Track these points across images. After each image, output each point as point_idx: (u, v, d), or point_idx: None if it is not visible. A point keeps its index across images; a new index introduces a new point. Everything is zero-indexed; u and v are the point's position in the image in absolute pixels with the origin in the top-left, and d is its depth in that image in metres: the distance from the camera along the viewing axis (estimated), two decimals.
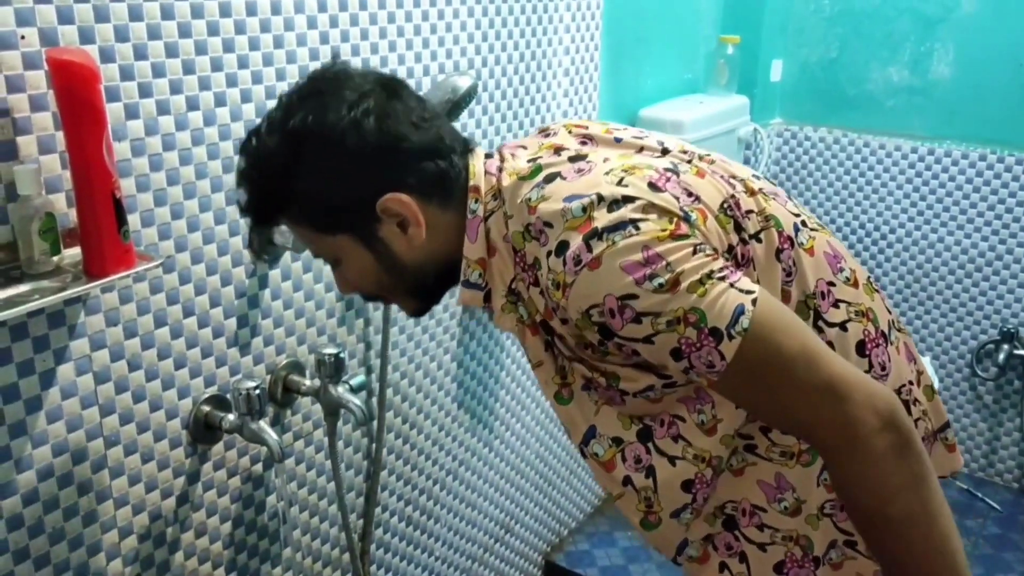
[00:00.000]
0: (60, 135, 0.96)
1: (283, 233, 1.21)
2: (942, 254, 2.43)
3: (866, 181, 2.49)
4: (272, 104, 1.19)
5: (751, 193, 0.88)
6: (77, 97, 0.90)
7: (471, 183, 0.89)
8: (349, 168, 0.85)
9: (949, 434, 1.00)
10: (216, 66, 1.12)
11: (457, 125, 1.53)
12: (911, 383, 0.95)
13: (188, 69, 1.08)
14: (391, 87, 0.88)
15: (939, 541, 0.80)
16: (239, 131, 1.16)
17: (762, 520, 0.92)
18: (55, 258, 0.95)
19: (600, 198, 0.78)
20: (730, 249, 0.83)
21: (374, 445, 1.53)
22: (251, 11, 1.14)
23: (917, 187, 2.42)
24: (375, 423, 1.51)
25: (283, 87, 1.21)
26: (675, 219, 0.78)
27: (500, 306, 0.89)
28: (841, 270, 0.92)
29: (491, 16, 1.56)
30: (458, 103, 1.33)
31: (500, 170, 0.89)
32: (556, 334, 0.87)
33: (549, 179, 0.84)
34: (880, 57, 2.38)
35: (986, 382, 2.45)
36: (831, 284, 0.90)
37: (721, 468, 0.91)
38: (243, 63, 1.15)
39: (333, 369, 1.30)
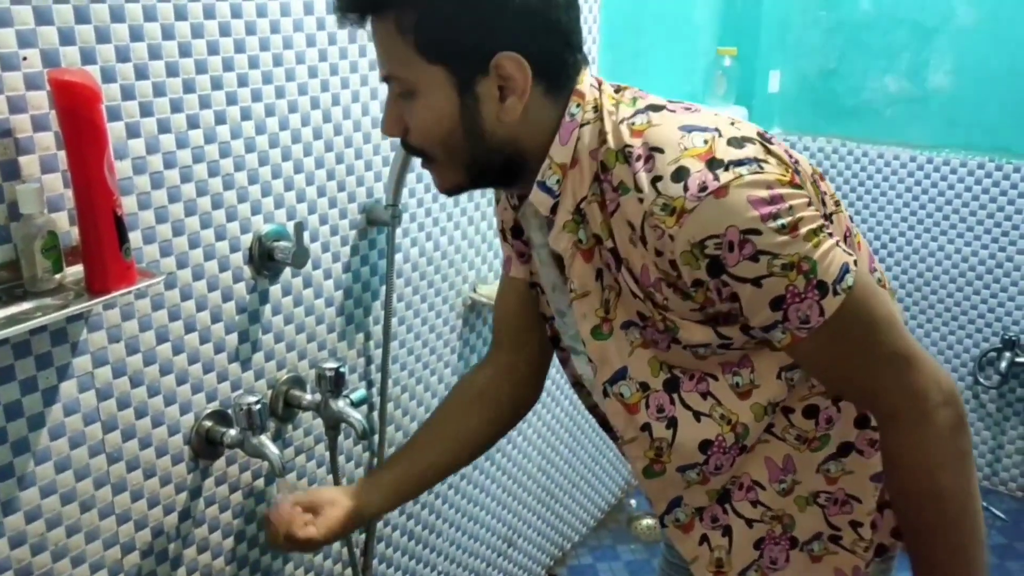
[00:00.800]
0: (62, 154, 0.97)
1: (283, 250, 1.22)
2: (943, 262, 2.44)
3: (866, 190, 2.49)
4: (273, 120, 1.21)
5: (821, 178, 0.89)
6: (79, 117, 0.91)
7: (578, 87, 0.83)
8: (492, 4, 0.77)
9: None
10: (216, 85, 1.13)
11: None
12: None
13: (188, 88, 1.10)
14: None
15: (973, 519, 0.84)
16: (239, 149, 1.17)
17: (757, 496, 0.93)
18: (57, 276, 0.96)
19: (720, 133, 0.77)
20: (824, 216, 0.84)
21: (376, 459, 1.53)
22: (250, 30, 1.16)
23: (917, 196, 2.42)
24: (376, 437, 1.52)
25: (282, 104, 1.22)
26: (789, 170, 0.77)
27: (563, 222, 0.85)
28: (874, 271, 0.94)
29: None
30: None
31: (600, 89, 0.85)
32: (626, 266, 0.83)
33: (655, 108, 0.81)
34: (878, 67, 2.39)
35: (989, 390, 2.44)
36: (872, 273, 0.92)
37: (744, 442, 0.89)
38: (243, 81, 1.16)
39: (333, 384, 1.30)
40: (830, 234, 0.77)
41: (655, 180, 0.76)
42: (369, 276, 1.45)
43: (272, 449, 1.18)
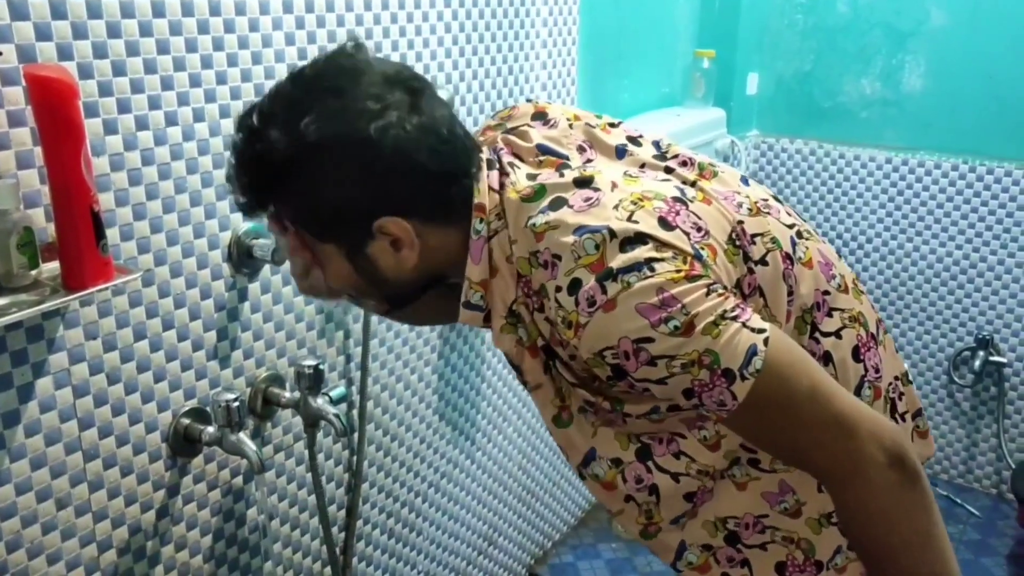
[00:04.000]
0: (38, 150, 0.97)
1: (262, 247, 1.22)
2: (918, 263, 2.47)
3: (842, 192, 2.52)
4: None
5: (755, 212, 0.87)
6: (55, 113, 0.91)
7: (476, 200, 0.84)
8: (354, 183, 0.80)
9: (921, 422, 1.02)
10: (195, 82, 1.13)
11: None
12: (897, 378, 0.98)
13: (167, 85, 1.10)
14: (416, 96, 0.81)
15: (932, 567, 0.83)
16: (218, 146, 1.17)
17: (763, 524, 0.93)
18: (33, 272, 0.96)
19: (612, 234, 0.76)
20: (738, 283, 0.83)
21: (355, 457, 1.53)
22: (229, 28, 1.16)
23: (892, 197, 2.46)
24: (356, 435, 1.52)
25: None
26: (688, 259, 0.77)
27: (500, 327, 0.86)
28: (833, 277, 0.93)
29: (467, 31, 1.59)
30: None
31: (502, 186, 0.85)
32: (559, 359, 0.86)
33: (555, 205, 0.81)
34: (853, 70, 2.42)
35: (963, 389, 2.48)
36: (826, 293, 0.91)
37: (722, 476, 0.91)
38: (221, 79, 1.16)
39: (313, 381, 1.30)
40: (734, 317, 0.76)
41: (557, 290, 0.78)
42: None
43: (251, 447, 1.18)
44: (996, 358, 2.39)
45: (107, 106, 1.04)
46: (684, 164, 0.91)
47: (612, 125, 0.95)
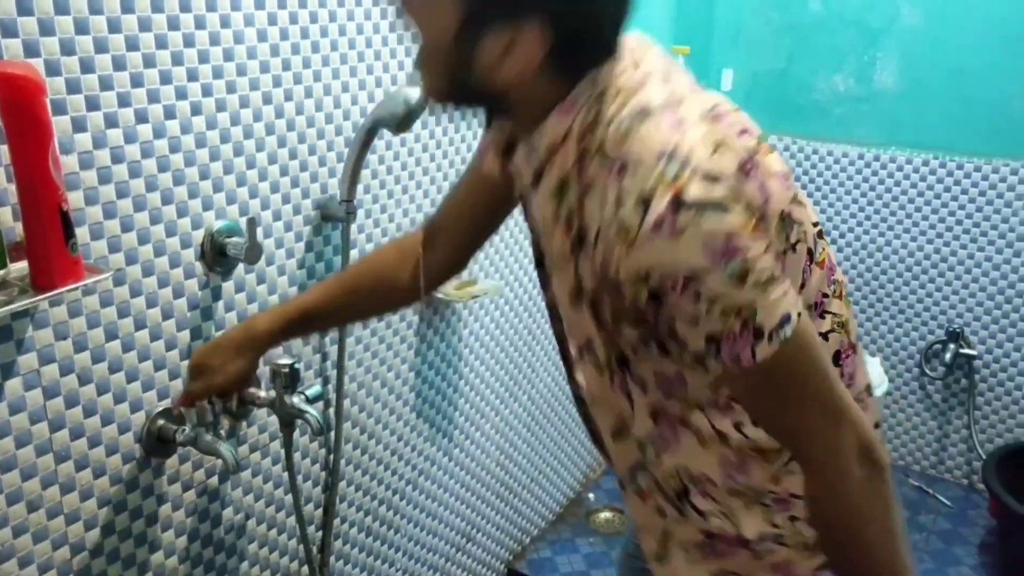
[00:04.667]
0: (5, 148, 0.95)
1: (236, 245, 1.21)
2: (889, 257, 2.50)
3: (816, 187, 2.55)
4: (224, 116, 1.20)
5: (796, 200, 0.88)
6: (22, 110, 0.90)
7: (596, 73, 0.80)
8: None
9: (879, 433, 1.04)
10: (165, 79, 1.12)
11: (409, 136, 1.54)
12: (865, 389, 1.00)
13: (136, 82, 1.09)
14: None
15: (891, 567, 0.86)
16: (189, 144, 1.16)
17: (709, 491, 0.94)
18: (1, 272, 0.95)
19: (695, 167, 0.74)
20: (776, 257, 0.83)
21: (332, 456, 1.53)
22: (200, 24, 1.15)
23: (865, 192, 2.48)
24: (332, 434, 1.51)
25: (233, 99, 1.21)
26: (756, 214, 0.76)
27: (551, 188, 0.83)
28: (834, 281, 0.94)
29: None
30: (410, 114, 1.35)
31: (614, 73, 0.81)
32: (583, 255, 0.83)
33: (645, 115, 0.78)
34: (827, 67, 2.44)
35: (935, 381, 2.51)
36: (824, 296, 0.92)
37: (687, 416, 0.92)
38: (192, 76, 1.15)
39: (288, 380, 1.29)
40: (781, 282, 0.77)
41: (619, 199, 0.75)
42: (324, 272, 1.44)
43: (226, 446, 1.18)
44: (966, 351, 2.42)
45: (75, 103, 1.03)
46: (742, 133, 0.85)
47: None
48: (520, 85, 0.79)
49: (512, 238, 1.93)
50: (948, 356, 2.41)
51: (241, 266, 1.28)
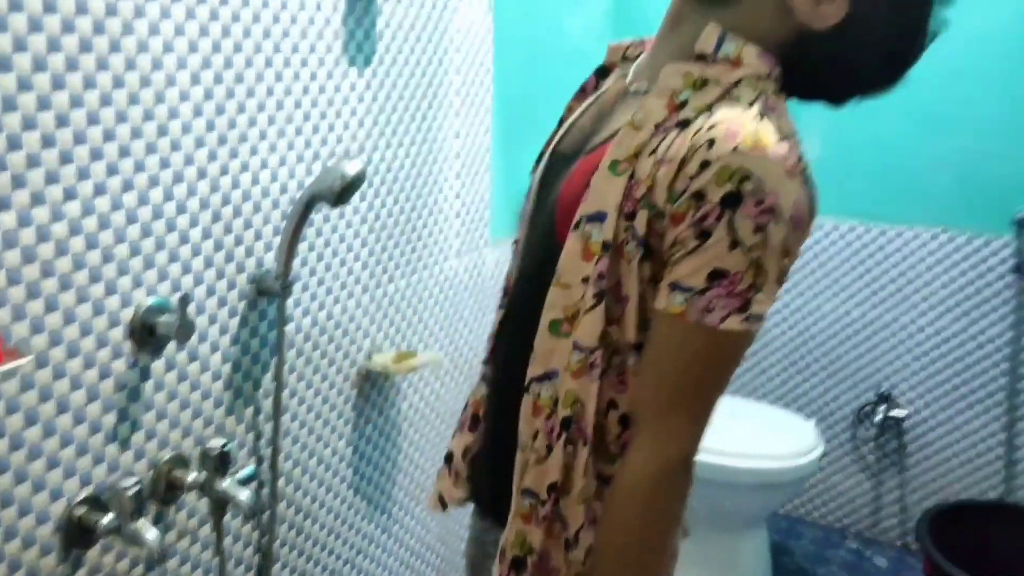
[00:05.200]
0: None
1: (166, 324, 1.18)
2: (820, 321, 2.57)
3: None
4: (156, 191, 1.17)
5: None
6: None
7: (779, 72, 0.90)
8: None
9: None
10: (96, 155, 1.09)
11: (348, 208, 1.54)
12: None
13: (65, 159, 1.06)
14: None
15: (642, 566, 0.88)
16: (120, 220, 1.13)
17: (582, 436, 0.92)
18: None
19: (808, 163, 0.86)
20: None
21: (265, 539, 1.47)
22: (134, 100, 1.13)
23: None
24: (267, 515, 1.46)
25: (166, 175, 1.19)
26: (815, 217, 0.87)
27: (688, 75, 0.86)
28: None
29: (380, 101, 1.59)
30: (347, 188, 1.34)
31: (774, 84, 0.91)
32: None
33: (775, 117, 0.86)
34: None
35: (867, 443, 2.57)
36: None
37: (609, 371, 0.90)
38: (124, 152, 1.13)
39: (219, 462, 1.25)
40: (780, 285, 0.84)
41: (759, 119, 0.81)
42: (259, 348, 1.41)
43: (151, 534, 1.12)
44: (896, 412, 2.49)
45: (0, 182, 0.99)
46: None
47: None
48: (780, 11, 0.86)
49: (456, 313, 1.92)
50: (879, 418, 2.48)
51: (172, 344, 1.24)
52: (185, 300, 1.17)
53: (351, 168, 1.34)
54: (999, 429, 2.41)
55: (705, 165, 0.78)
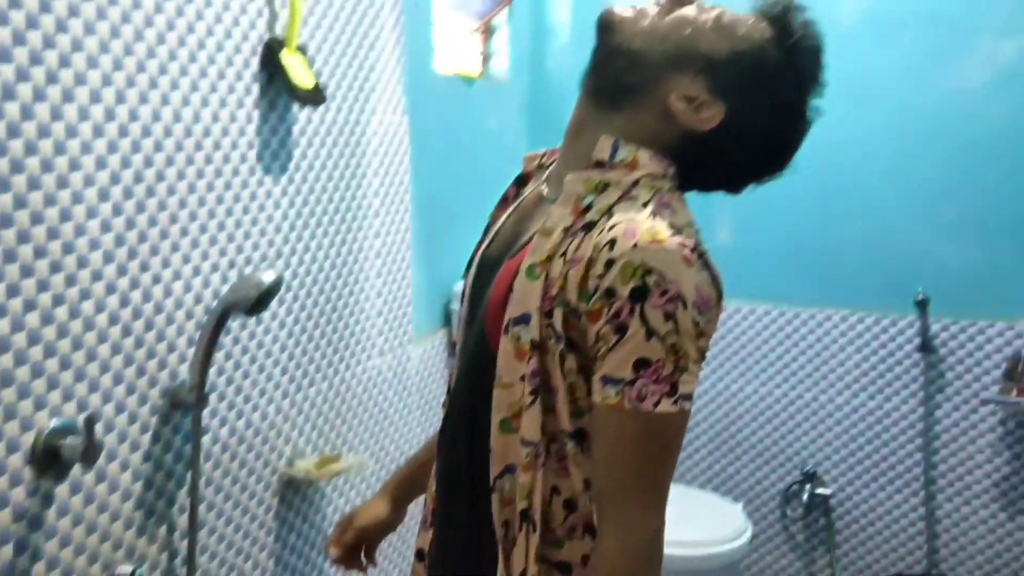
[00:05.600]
0: None
1: (71, 447, 1.13)
2: (744, 403, 2.62)
3: None
4: (61, 310, 1.14)
5: None
6: None
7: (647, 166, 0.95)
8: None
9: None
10: None
11: (267, 315, 1.52)
12: None
13: None
14: None
15: None
16: (21, 342, 1.10)
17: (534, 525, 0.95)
18: None
19: (706, 248, 0.91)
20: None
21: None
22: (36, 219, 1.11)
23: (715, 341, 2.62)
24: None
25: (72, 292, 1.16)
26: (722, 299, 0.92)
27: (589, 181, 0.93)
28: None
29: (297, 206, 1.60)
30: (263, 297, 1.33)
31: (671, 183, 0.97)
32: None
33: (673, 212, 0.94)
34: None
35: (796, 522, 2.59)
36: None
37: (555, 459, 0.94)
38: (26, 272, 1.10)
39: None
40: (701, 365, 0.89)
41: (655, 217, 0.89)
42: (173, 463, 1.36)
43: None
44: (821, 490, 2.53)
45: None
46: None
47: None
48: (665, 119, 0.94)
49: (381, 412, 1.90)
50: (805, 497, 2.51)
51: (78, 466, 1.19)
52: (91, 420, 1.13)
53: (267, 277, 1.34)
54: (919, 503, 2.47)
55: (610, 264, 0.85)
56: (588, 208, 0.92)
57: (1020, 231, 2.29)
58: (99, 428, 1.22)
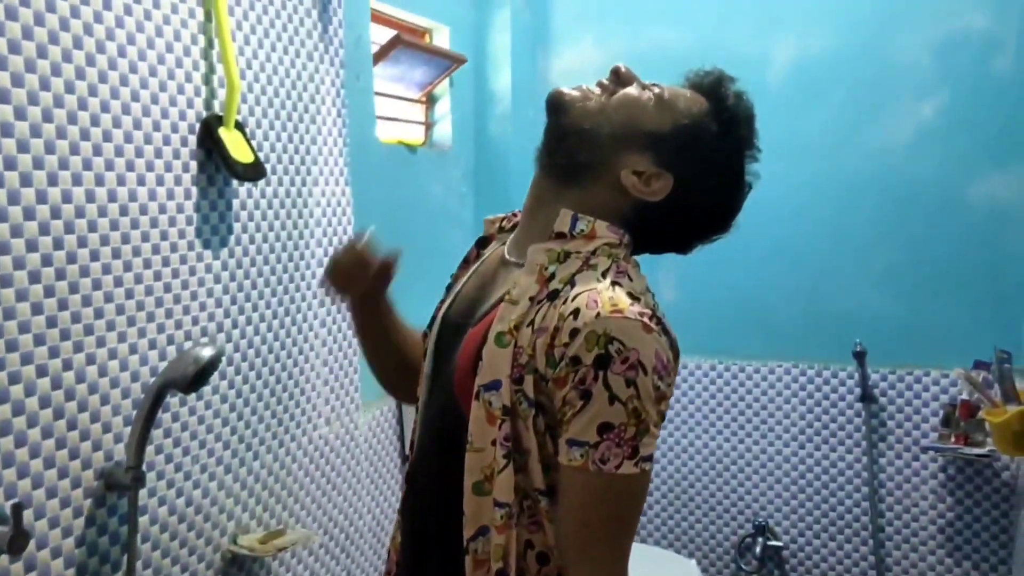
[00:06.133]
0: None
1: None
2: (695, 457, 2.64)
3: None
4: None
5: None
6: None
7: (604, 235, 1.01)
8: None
9: None
10: None
11: (207, 389, 1.51)
12: None
13: None
14: None
15: None
16: None
17: None
18: None
19: (662, 313, 0.97)
20: None
21: None
22: None
23: None
24: None
25: (1, 376, 1.14)
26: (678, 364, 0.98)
27: (552, 249, 0.99)
28: None
29: (239, 279, 1.60)
30: (202, 373, 1.33)
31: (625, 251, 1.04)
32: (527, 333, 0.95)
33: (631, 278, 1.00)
34: None
35: (750, 575, 2.60)
36: None
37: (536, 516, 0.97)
38: None
39: None
40: (660, 428, 0.94)
41: (615, 287, 0.93)
42: (108, 546, 1.33)
43: None
44: (773, 542, 2.55)
45: None
46: None
47: None
48: (618, 192, 1.00)
49: (328, 482, 1.88)
50: (758, 549, 2.52)
51: (5, 556, 1.16)
52: (19, 508, 1.10)
53: (205, 352, 1.34)
54: (868, 552, 2.50)
55: (574, 333, 0.90)
56: (551, 277, 0.97)
57: (946, 282, 2.38)
58: (28, 515, 1.19)
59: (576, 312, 0.90)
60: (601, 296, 0.91)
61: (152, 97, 1.39)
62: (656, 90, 1.02)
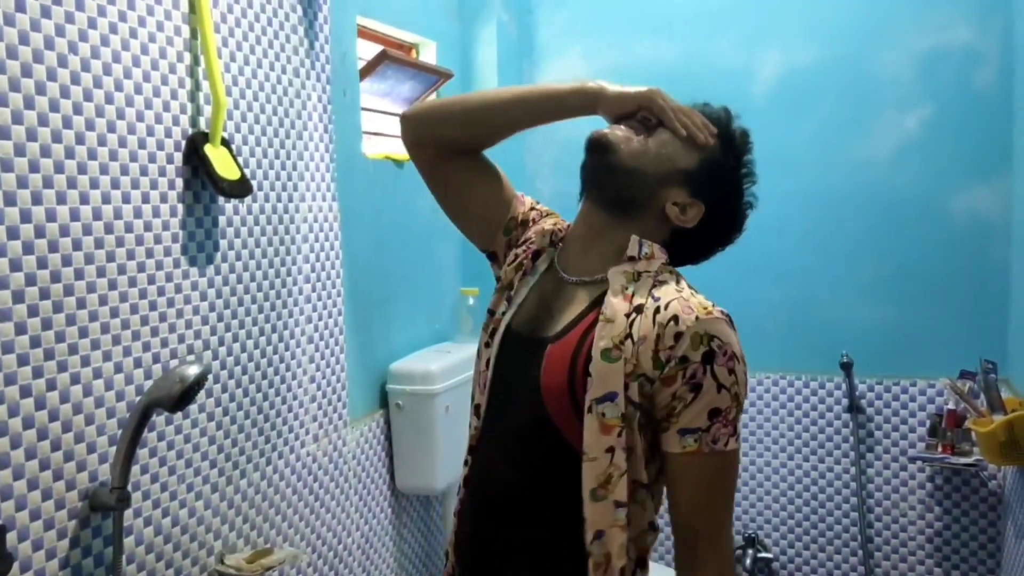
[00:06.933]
0: None
1: None
2: None
3: None
4: None
5: None
6: None
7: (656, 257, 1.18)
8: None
9: None
10: None
11: (193, 407, 1.50)
12: None
13: None
14: None
15: None
16: None
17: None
18: None
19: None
20: None
21: None
22: None
23: None
24: None
25: None
26: None
27: (629, 273, 1.14)
28: None
29: (225, 296, 1.59)
30: (187, 391, 1.31)
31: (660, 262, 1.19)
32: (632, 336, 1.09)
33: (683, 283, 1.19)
34: None
35: None
36: None
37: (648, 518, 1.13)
38: None
39: None
40: None
41: (693, 294, 1.12)
42: (93, 568, 1.32)
43: None
44: (763, 554, 2.54)
45: None
46: None
47: None
48: (662, 220, 1.17)
49: (316, 499, 1.87)
50: (748, 562, 2.52)
51: None
52: (2, 531, 1.09)
53: (191, 371, 1.33)
54: (858, 563, 2.50)
55: (679, 336, 1.06)
56: (633, 295, 1.12)
57: (932, 293, 2.39)
58: (11, 537, 1.18)
59: (675, 318, 1.06)
60: (691, 302, 1.08)
61: (138, 115, 1.38)
62: (682, 132, 1.17)
